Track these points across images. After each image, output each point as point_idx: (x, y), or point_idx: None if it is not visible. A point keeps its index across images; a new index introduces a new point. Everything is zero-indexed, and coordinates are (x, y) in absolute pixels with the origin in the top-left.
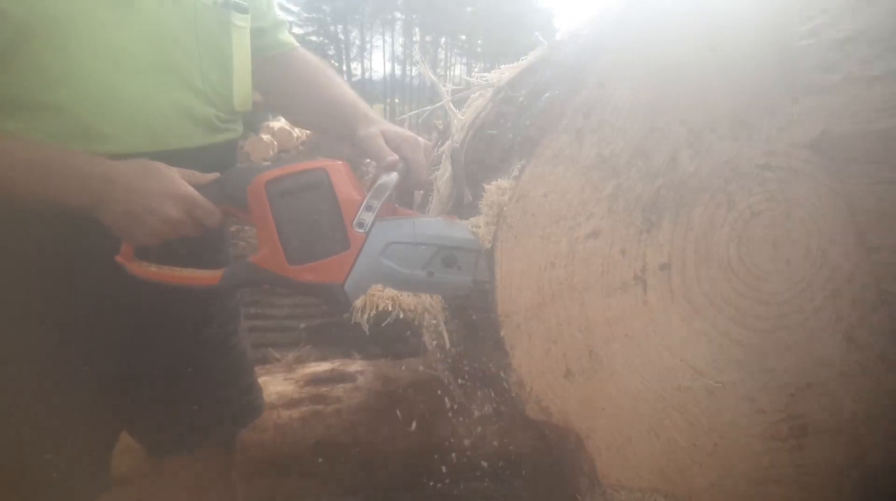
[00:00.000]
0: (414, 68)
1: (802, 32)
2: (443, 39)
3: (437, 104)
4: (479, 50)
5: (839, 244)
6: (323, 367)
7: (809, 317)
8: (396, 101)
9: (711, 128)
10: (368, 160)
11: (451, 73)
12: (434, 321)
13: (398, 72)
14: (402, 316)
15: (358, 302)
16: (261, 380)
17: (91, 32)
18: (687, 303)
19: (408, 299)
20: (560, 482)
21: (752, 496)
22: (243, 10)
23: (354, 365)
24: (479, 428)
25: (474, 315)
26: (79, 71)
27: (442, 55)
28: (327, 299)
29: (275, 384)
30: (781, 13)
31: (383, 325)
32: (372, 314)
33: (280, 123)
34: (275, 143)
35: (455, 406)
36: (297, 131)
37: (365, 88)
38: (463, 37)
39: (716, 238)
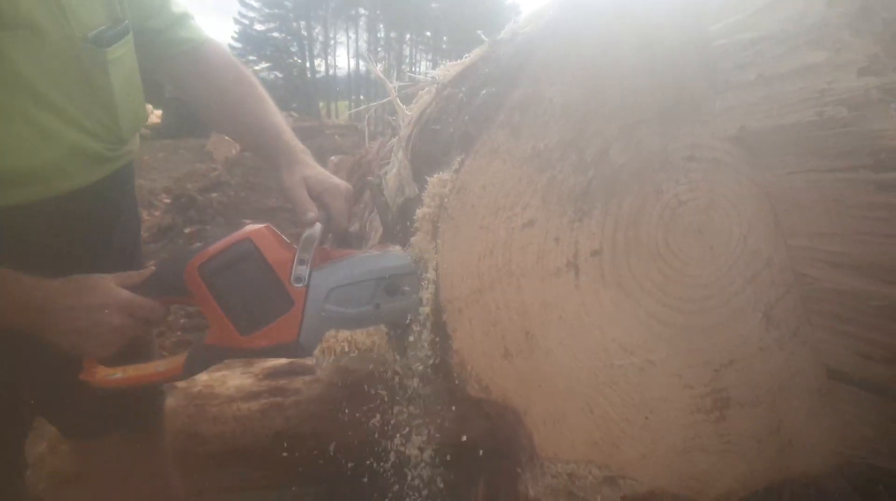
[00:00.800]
0: (378, 65)
1: (718, 33)
2: (408, 36)
3: (384, 100)
4: (444, 46)
5: (758, 231)
6: (282, 361)
7: (731, 299)
8: (361, 98)
9: (641, 123)
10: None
11: (417, 69)
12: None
13: (363, 68)
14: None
15: (316, 351)
16: (220, 374)
17: None
18: (617, 287)
19: (361, 337)
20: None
21: (680, 464)
22: (121, 37)
23: (313, 359)
24: (434, 418)
25: None
26: None
27: (407, 51)
28: (289, 355)
29: (234, 378)
30: (700, 16)
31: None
32: (331, 360)
33: None
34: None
35: (410, 396)
36: None
37: (329, 85)
38: (428, 33)
39: (644, 226)
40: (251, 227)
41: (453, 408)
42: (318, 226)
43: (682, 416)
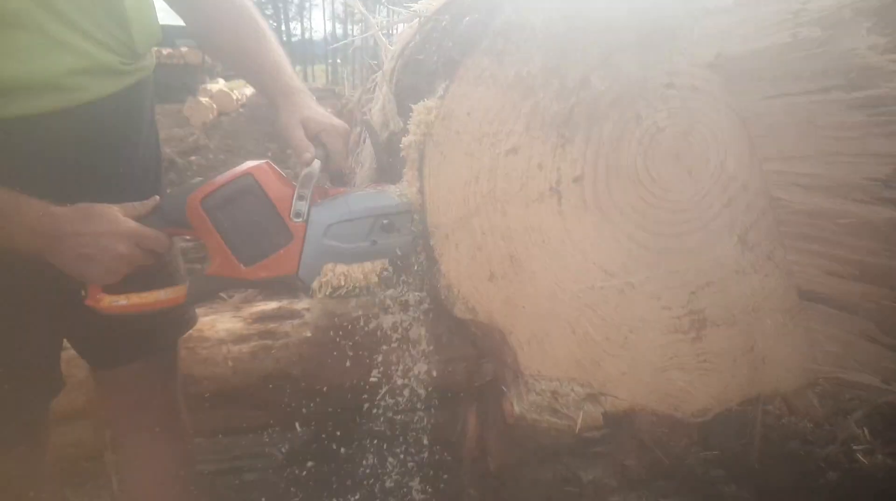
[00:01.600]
0: (356, 27)
1: None
2: None
3: (367, 34)
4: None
5: (735, 156)
6: (271, 305)
7: (708, 223)
8: (339, 61)
9: (620, 50)
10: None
11: (395, 30)
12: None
13: (339, 31)
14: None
15: (315, 284)
16: (209, 319)
17: None
18: (598, 212)
19: (357, 272)
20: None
21: (659, 382)
22: None
23: (301, 303)
24: (421, 359)
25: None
26: None
27: (385, 14)
28: (287, 289)
29: (224, 322)
30: None
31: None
32: (328, 292)
33: (219, 85)
34: (214, 106)
35: (399, 336)
36: (236, 94)
37: (305, 48)
38: None
39: (624, 152)
40: (252, 163)
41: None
42: (316, 163)
43: (661, 336)
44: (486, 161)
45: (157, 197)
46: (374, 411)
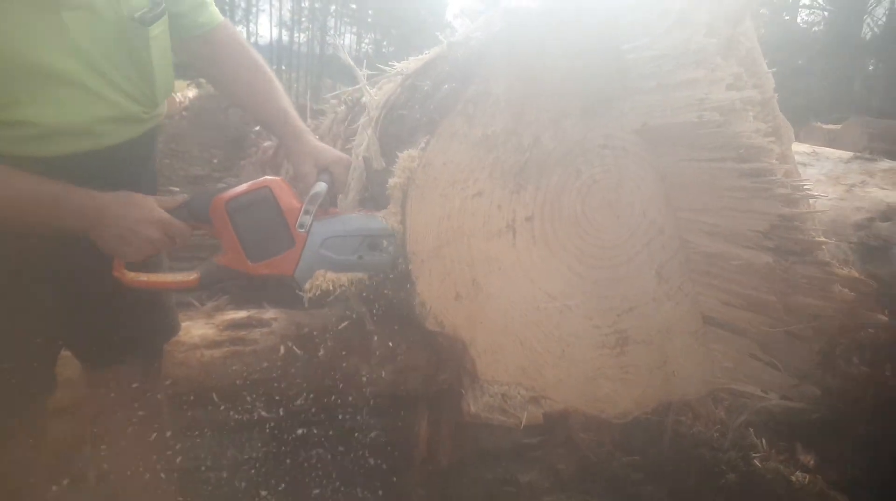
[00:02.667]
0: (302, 34)
1: (629, 50)
2: (333, 7)
3: (356, 87)
4: (369, 20)
5: (654, 205)
6: (240, 314)
7: (633, 258)
8: (283, 68)
9: (567, 116)
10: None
11: (342, 41)
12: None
13: (286, 38)
14: (338, 292)
15: (307, 285)
16: (184, 324)
17: (33, 56)
18: (545, 246)
19: (343, 279)
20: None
21: (589, 388)
22: (159, 18)
23: (269, 313)
24: (383, 365)
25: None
26: (30, 91)
27: (332, 23)
28: (282, 286)
29: (197, 328)
30: (615, 36)
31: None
32: (316, 294)
33: None
34: None
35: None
36: (179, 97)
37: None
38: (354, 6)
39: (567, 199)
40: (270, 177)
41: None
42: (324, 186)
43: (591, 350)
44: (456, 202)
45: (185, 195)
46: (334, 415)
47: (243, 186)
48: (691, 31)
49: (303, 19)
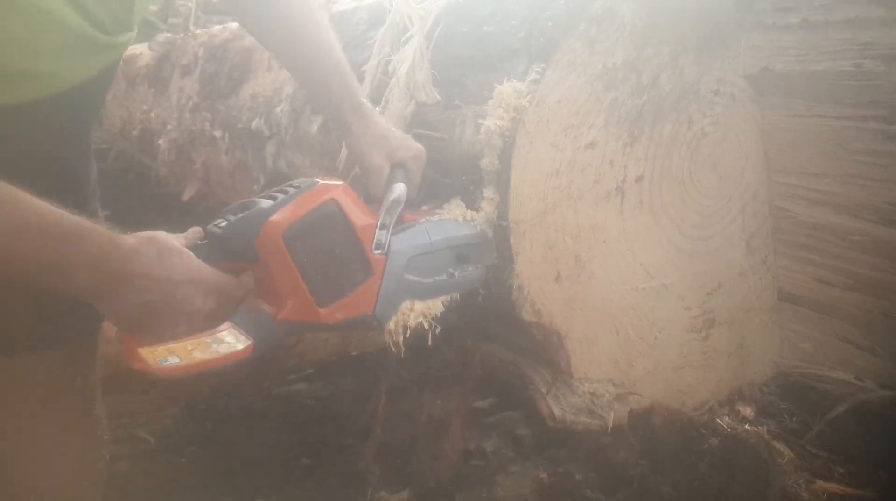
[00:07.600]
0: None
1: None
2: None
3: None
4: None
5: (752, 166)
6: None
7: (727, 227)
8: None
9: (685, 52)
10: None
11: None
12: None
13: None
14: (437, 331)
15: (390, 325)
16: None
17: None
18: (650, 213)
19: (435, 308)
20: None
21: (674, 379)
22: None
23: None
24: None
25: None
26: None
27: None
28: (360, 330)
29: None
30: None
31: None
32: (408, 336)
33: None
34: None
35: None
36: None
37: None
38: None
39: (676, 155)
40: (329, 183)
41: None
42: (403, 190)
43: (680, 335)
44: (567, 154)
45: (199, 228)
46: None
47: (298, 204)
48: None
49: None
